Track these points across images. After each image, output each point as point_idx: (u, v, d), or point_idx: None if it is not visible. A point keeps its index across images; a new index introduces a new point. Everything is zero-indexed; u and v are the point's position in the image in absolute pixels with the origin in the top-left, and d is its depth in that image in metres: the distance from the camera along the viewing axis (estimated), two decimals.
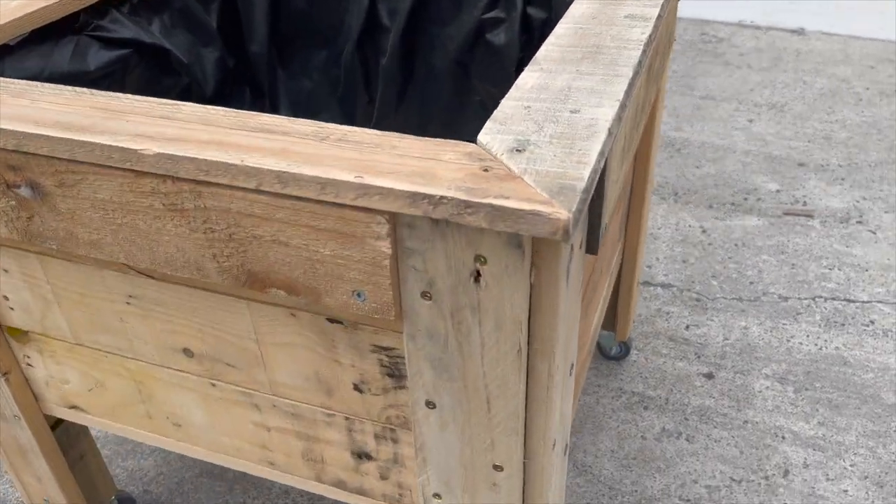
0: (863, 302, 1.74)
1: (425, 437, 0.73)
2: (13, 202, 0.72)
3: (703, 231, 2.00)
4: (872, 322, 1.68)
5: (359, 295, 0.63)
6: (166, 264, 0.70)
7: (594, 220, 0.68)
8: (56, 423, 1.07)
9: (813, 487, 1.32)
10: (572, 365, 0.74)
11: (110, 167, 0.64)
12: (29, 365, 0.97)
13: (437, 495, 0.78)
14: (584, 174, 0.54)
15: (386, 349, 0.72)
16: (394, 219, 0.58)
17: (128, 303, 0.82)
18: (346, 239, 0.60)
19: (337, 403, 0.79)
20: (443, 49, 1.22)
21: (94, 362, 0.91)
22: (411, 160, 0.57)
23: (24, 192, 0.71)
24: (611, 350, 1.59)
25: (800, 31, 3.18)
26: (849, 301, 1.75)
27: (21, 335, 0.94)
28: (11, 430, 1.03)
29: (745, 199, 2.13)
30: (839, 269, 1.85)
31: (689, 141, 2.42)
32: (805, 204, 2.10)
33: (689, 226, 2.02)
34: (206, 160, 0.59)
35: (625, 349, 1.59)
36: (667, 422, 1.46)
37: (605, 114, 0.61)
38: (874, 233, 1.97)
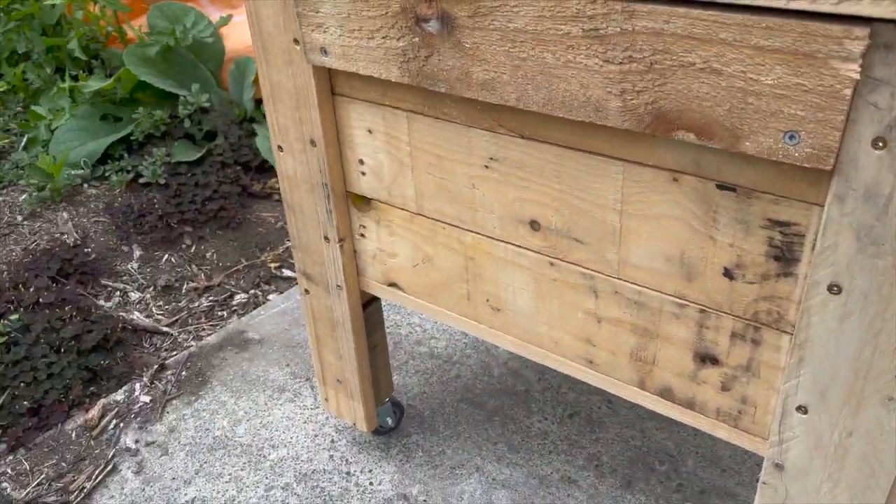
0: None
1: (813, 331, 0.65)
2: (416, 39, 0.75)
3: None
4: None
5: (791, 137, 0.57)
6: (561, 105, 0.68)
7: None
8: (364, 306, 1.12)
9: None
10: None
11: None
12: (362, 235, 1.02)
13: (802, 408, 0.69)
14: None
15: (783, 224, 0.65)
16: (871, 35, 0.51)
17: (486, 166, 0.82)
18: (801, 62, 0.54)
19: (695, 292, 0.73)
20: None
21: (429, 234, 0.93)
22: None
23: (432, 26, 0.73)
24: None
25: None
26: None
27: (363, 203, 0.98)
28: (329, 301, 1.09)
29: None
30: None
31: None
32: None
33: None
34: None
35: None
36: None
37: None
38: None
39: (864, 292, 0.60)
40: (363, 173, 0.95)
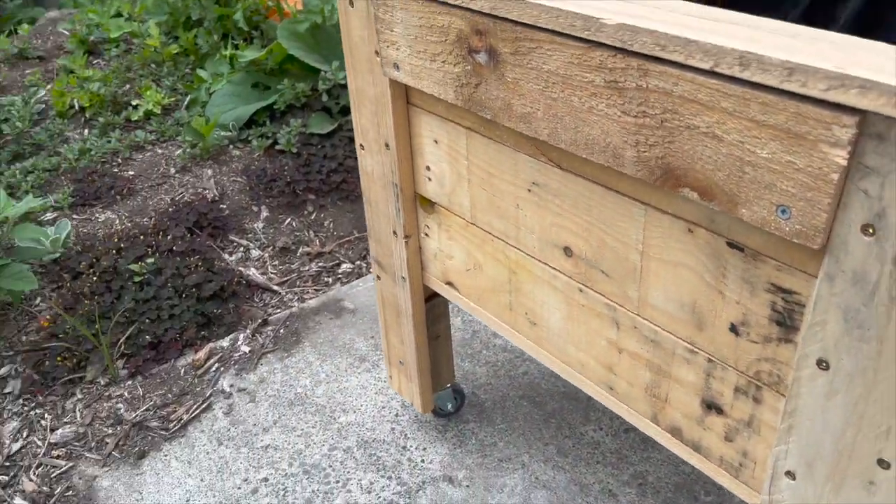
0: None
1: (801, 402, 0.65)
2: (469, 67, 0.80)
3: None
4: None
5: (783, 211, 0.57)
6: (585, 147, 0.71)
7: None
8: (428, 298, 1.19)
9: None
10: None
11: (567, 36, 0.67)
12: (426, 235, 1.09)
13: (790, 474, 0.69)
14: None
15: (785, 291, 0.64)
16: (862, 124, 0.51)
17: (529, 189, 0.86)
18: (794, 141, 0.54)
19: (704, 341, 0.74)
20: None
21: (480, 243, 0.99)
22: None
23: (482, 57, 0.78)
24: None
25: None
26: None
27: (428, 206, 1.05)
28: (394, 289, 1.18)
29: None
30: None
31: None
32: None
33: None
34: (665, 34, 0.58)
35: None
36: None
37: None
38: None
39: (849, 373, 0.60)
40: (429, 178, 1.02)
